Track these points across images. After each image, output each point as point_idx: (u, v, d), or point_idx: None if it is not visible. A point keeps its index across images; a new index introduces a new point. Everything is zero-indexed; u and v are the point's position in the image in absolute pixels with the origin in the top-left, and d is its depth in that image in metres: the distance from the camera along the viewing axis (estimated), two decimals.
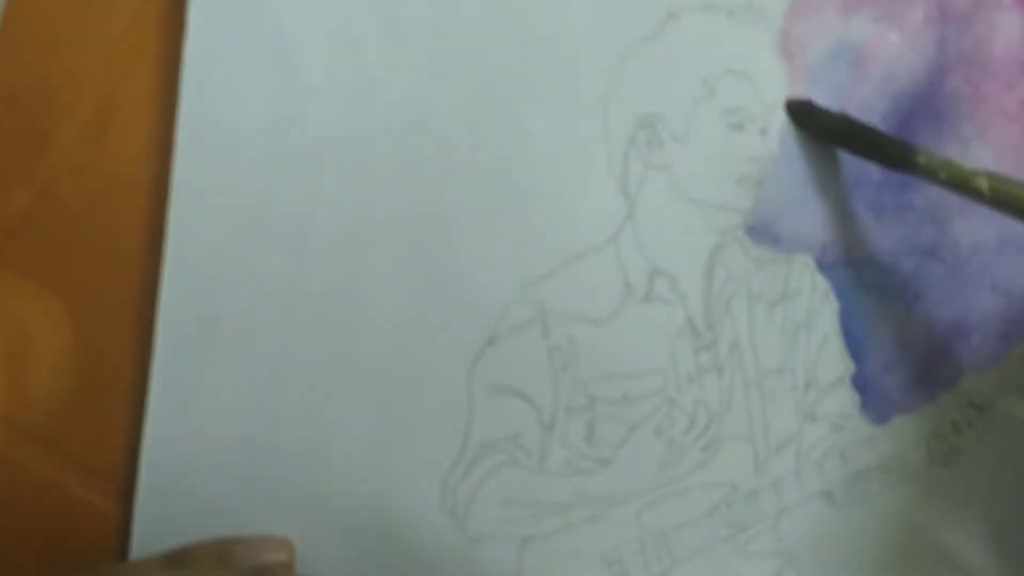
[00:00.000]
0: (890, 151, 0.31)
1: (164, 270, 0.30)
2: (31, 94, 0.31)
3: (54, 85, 0.31)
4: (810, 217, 0.34)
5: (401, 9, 0.31)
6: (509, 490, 0.33)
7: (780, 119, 0.34)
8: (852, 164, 0.34)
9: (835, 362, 0.34)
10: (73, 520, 0.31)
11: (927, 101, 0.34)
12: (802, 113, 0.33)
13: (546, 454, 0.33)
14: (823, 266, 0.34)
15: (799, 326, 0.34)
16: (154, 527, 0.31)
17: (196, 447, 0.31)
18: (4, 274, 0.31)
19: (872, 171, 0.34)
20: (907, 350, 0.34)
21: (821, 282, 0.34)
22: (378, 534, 0.32)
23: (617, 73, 0.33)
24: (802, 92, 0.34)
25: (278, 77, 0.31)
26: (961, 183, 0.29)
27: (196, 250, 0.31)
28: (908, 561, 0.35)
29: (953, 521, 0.35)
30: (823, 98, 0.34)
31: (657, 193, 0.33)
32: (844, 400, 0.34)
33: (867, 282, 0.34)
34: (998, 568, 0.35)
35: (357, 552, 0.32)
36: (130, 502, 0.31)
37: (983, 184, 0.28)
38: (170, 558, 0.30)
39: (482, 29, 0.32)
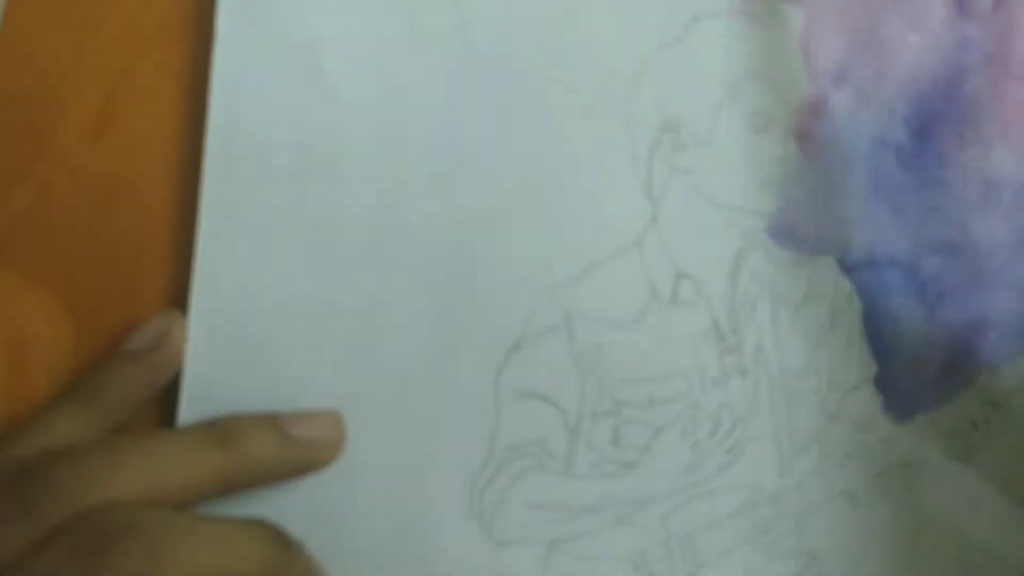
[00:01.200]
0: None
1: (194, 279, 0.30)
2: (31, 94, 0.30)
3: (54, 85, 0.31)
4: (833, 219, 0.34)
5: (427, 16, 0.31)
6: (535, 494, 0.33)
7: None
8: (873, 166, 0.34)
9: (858, 363, 0.34)
10: None
11: (949, 103, 0.34)
12: None
13: (572, 458, 0.33)
14: (846, 267, 0.34)
15: (823, 328, 0.34)
16: None
17: None
18: (4, 274, 0.30)
19: (894, 173, 0.34)
20: (929, 350, 0.34)
21: (844, 283, 0.34)
22: (404, 539, 0.32)
23: (641, 77, 0.33)
24: (823, 95, 0.34)
25: (305, 86, 0.31)
26: None
27: (226, 258, 0.31)
28: (930, 558, 0.35)
29: (974, 516, 0.35)
30: (843, 100, 0.34)
31: (681, 196, 0.33)
32: (867, 400, 0.35)
33: (890, 283, 0.34)
34: (1018, 560, 0.36)
35: (383, 556, 0.32)
36: None
37: None
38: (215, 429, 0.29)
39: (507, 35, 0.32)
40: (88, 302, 0.31)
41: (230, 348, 0.31)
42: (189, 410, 0.30)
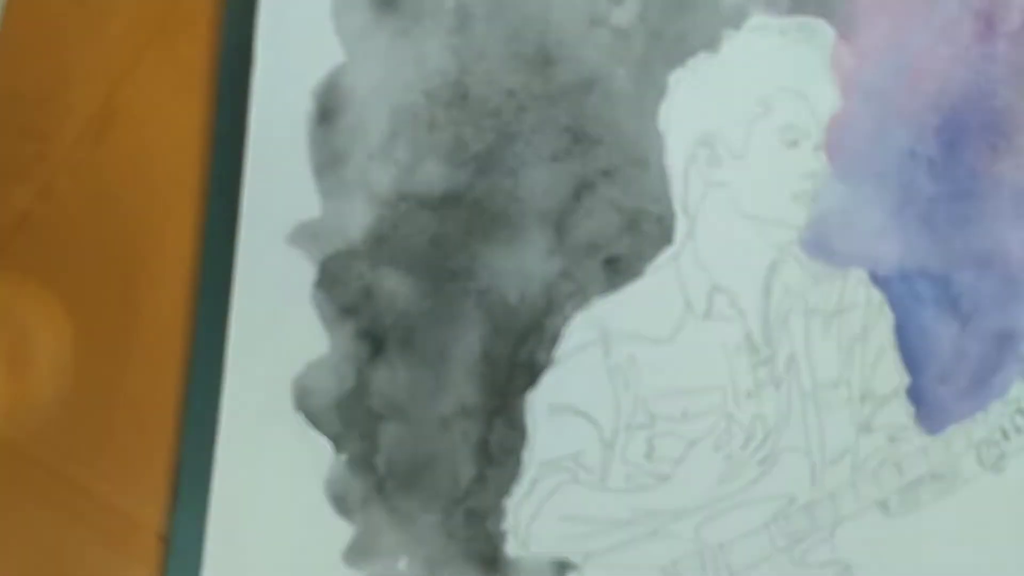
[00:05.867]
0: None
1: (233, 297, 0.31)
2: (31, 94, 0.30)
3: (54, 85, 0.31)
4: (864, 231, 0.34)
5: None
6: (571, 507, 0.33)
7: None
8: (904, 178, 0.34)
9: (890, 374, 0.34)
10: (70, 515, 0.31)
11: (980, 115, 0.34)
12: None
13: (607, 471, 0.33)
14: (877, 279, 0.34)
15: (855, 339, 0.34)
16: None
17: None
18: (4, 274, 0.30)
19: (925, 185, 0.34)
20: (961, 361, 0.35)
21: (876, 295, 0.34)
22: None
23: (676, 92, 0.33)
24: (854, 108, 0.34)
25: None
26: None
27: (262, 280, 0.31)
28: (962, 567, 0.35)
29: (1005, 525, 0.36)
30: (875, 114, 0.34)
31: (716, 211, 0.33)
32: (899, 411, 0.35)
33: (921, 294, 0.34)
34: None
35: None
36: (128, 499, 0.31)
37: None
38: None
39: (542, 54, 0.32)
40: (88, 302, 0.31)
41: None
42: None
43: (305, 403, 0.32)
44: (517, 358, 0.32)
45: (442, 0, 0.32)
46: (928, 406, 0.35)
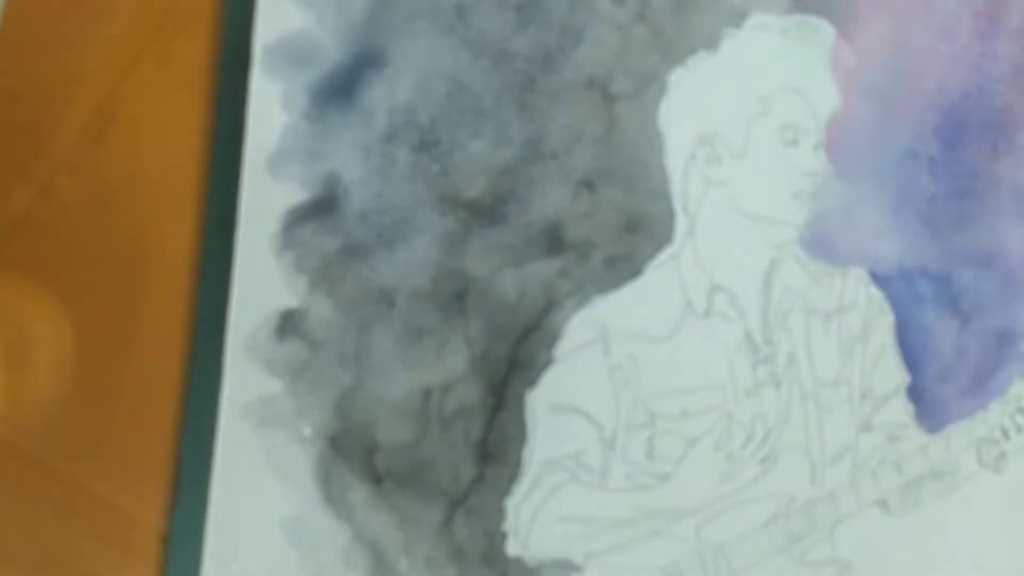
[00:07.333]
0: None
1: (233, 297, 0.31)
2: (31, 94, 0.31)
3: (54, 85, 0.31)
4: (864, 230, 0.34)
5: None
6: (570, 507, 0.33)
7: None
8: (904, 177, 0.34)
9: (890, 373, 0.34)
10: (70, 515, 0.31)
11: (980, 113, 0.34)
12: None
13: (607, 471, 0.33)
14: (877, 278, 0.34)
15: (855, 338, 0.34)
16: None
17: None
18: (4, 274, 0.31)
19: (924, 184, 0.34)
20: (961, 360, 0.35)
21: (876, 294, 0.34)
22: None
23: (676, 91, 0.33)
24: (854, 107, 0.34)
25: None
26: None
27: (262, 279, 0.31)
28: (962, 567, 0.35)
29: (1005, 524, 0.36)
30: (875, 113, 0.34)
31: (716, 209, 0.33)
32: (899, 410, 0.35)
33: (921, 293, 0.34)
34: None
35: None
36: (128, 499, 0.31)
37: None
38: None
39: (541, 51, 0.32)
40: (88, 302, 0.31)
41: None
42: None
43: (304, 403, 0.32)
44: (517, 357, 0.32)
45: (440, 0, 0.32)
46: (928, 405, 0.35)
